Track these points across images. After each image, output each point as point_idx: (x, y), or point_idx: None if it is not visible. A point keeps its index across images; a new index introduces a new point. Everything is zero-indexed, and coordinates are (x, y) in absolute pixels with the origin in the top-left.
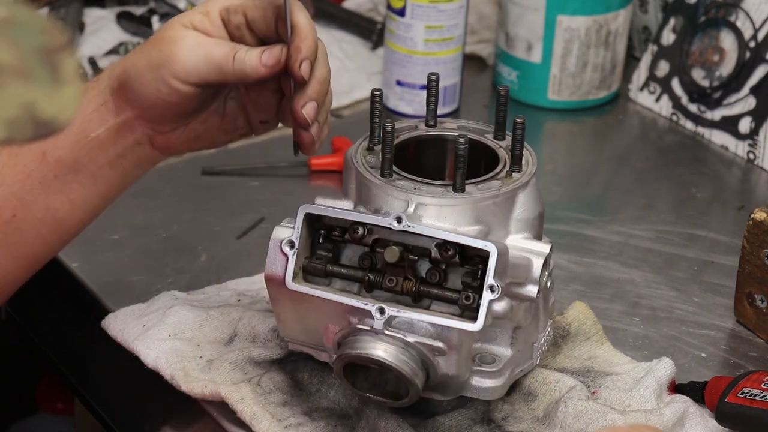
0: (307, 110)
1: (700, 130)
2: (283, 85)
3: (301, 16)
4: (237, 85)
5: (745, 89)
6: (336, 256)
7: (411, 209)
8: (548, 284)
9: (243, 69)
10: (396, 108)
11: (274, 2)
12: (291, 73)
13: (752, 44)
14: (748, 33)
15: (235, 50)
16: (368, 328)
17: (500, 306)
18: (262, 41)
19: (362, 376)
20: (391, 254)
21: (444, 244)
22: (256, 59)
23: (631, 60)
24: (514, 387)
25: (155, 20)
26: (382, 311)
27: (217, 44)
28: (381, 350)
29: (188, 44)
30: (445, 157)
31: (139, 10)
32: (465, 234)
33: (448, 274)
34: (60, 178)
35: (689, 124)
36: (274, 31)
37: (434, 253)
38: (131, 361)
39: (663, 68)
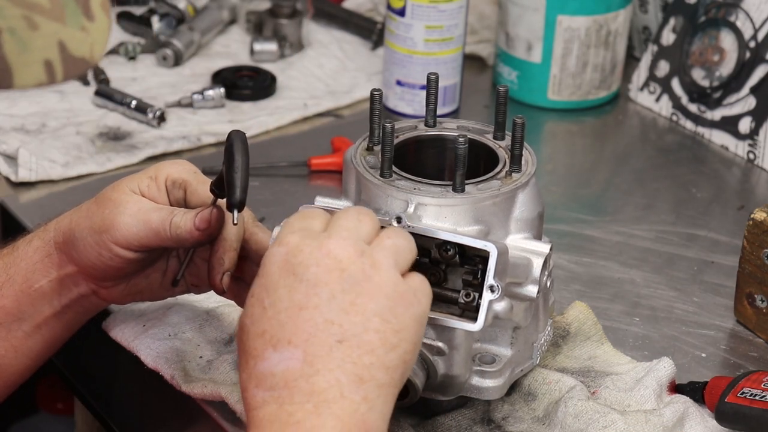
0: (224, 281)
1: (700, 130)
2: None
3: (230, 229)
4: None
5: (745, 89)
6: None
7: (411, 209)
8: (548, 284)
9: (178, 234)
10: (396, 108)
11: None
12: (211, 283)
13: (752, 44)
14: (748, 33)
15: (171, 215)
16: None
17: (500, 306)
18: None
19: None
20: None
21: (444, 244)
22: (190, 223)
23: (631, 60)
24: (514, 387)
25: (155, 20)
26: None
27: (156, 210)
28: None
29: (130, 210)
30: (445, 157)
31: (139, 10)
32: (465, 234)
33: (448, 274)
34: (4, 326)
35: (689, 124)
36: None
37: (434, 253)
38: (131, 361)
39: (663, 68)
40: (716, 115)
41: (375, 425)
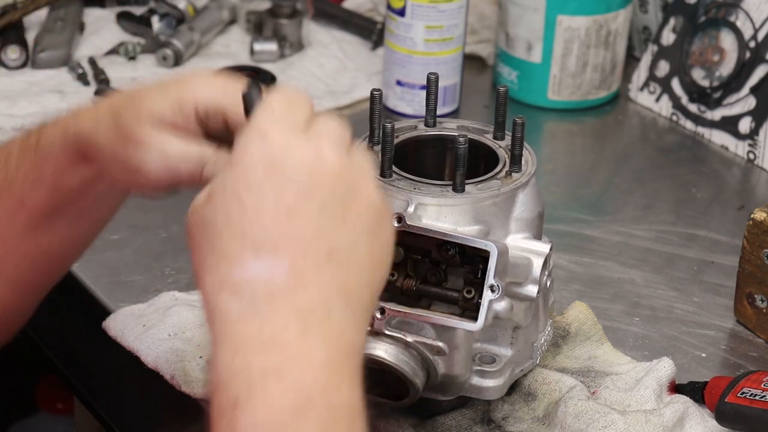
0: None
1: (700, 130)
2: None
3: None
4: None
5: (745, 89)
6: None
7: (411, 209)
8: (548, 284)
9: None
10: (396, 108)
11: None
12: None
13: (752, 44)
14: (748, 33)
15: (201, 165)
16: (368, 328)
17: (500, 306)
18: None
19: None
20: (396, 254)
21: (444, 244)
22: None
23: (631, 60)
24: (514, 387)
25: (155, 20)
26: (382, 311)
27: (183, 158)
28: (381, 350)
29: (153, 155)
30: (445, 157)
31: (139, 10)
32: (465, 234)
33: (448, 274)
34: (44, 221)
35: (689, 124)
36: None
37: (434, 253)
38: (131, 361)
39: (663, 68)
40: (716, 115)
41: (359, 348)
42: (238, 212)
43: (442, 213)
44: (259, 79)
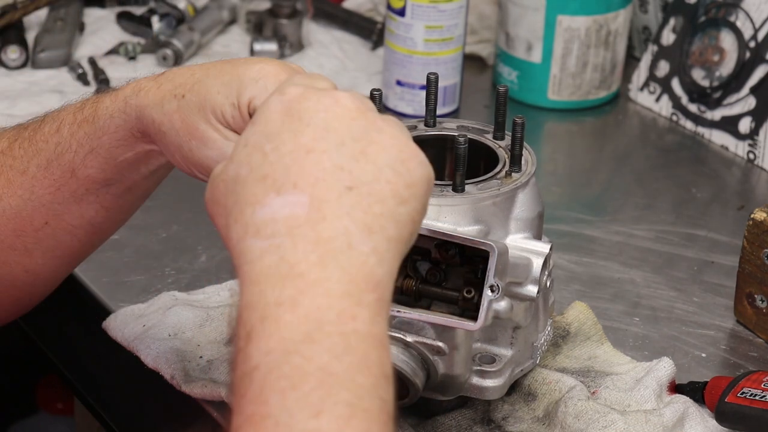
0: None
1: (700, 130)
2: None
3: None
4: None
5: (745, 89)
6: None
7: None
8: (548, 284)
9: None
10: (396, 108)
11: None
12: None
13: (752, 44)
14: (748, 33)
15: None
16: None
17: (500, 306)
18: None
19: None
20: None
21: (444, 244)
22: None
23: (631, 60)
24: (514, 387)
25: (155, 20)
26: None
27: None
28: None
29: (214, 154)
30: (445, 157)
31: (139, 10)
32: (465, 234)
33: (448, 274)
34: (92, 191)
35: (689, 124)
36: None
37: (434, 253)
38: (131, 361)
39: (663, 68)
40: (716, 115)
41: (383, 280)
42: (259, 159)
43: (442, 213)
44: None
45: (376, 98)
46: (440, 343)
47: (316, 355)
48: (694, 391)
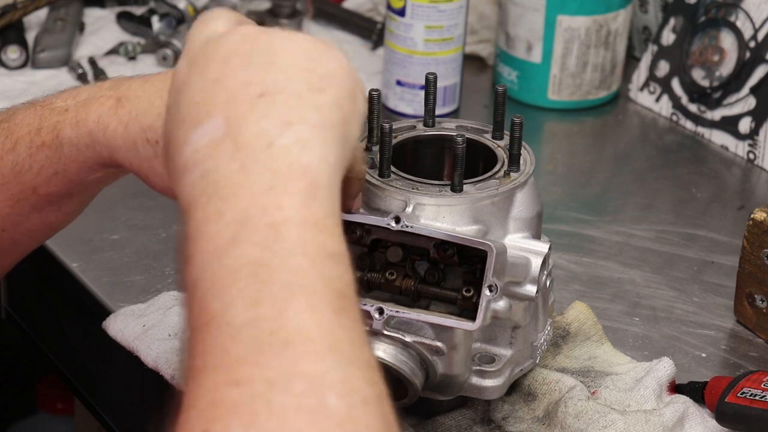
0: (356, 206)
1: (700, 130)
2: None
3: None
4: None
5: (745, 89)
6: None
7: (409, 209)
8: (547, 283)
9: None
10: (396, 108)
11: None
12: (344, 209)
13: (752, 44)
14: (748, 33)
15: None
16: (367, 328)
17: (499, 305)
18: None
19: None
20: (395, 254)
21: (442, 244)
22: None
23: (631, 60)
24: (514, 387)
25: (155, 20)
26: (381, 311)
27: None
28: (380, 350)
29: None
30: (443, 157)
31: (139, 10)
32: (463, 234)
33: (446, 273)
34: (54, 203)
35: (689, 124)
36: None
37: (432, 253)
38: (131, 361)
39: (663, 68)
40: (716, 115)
41: (313, 166)
42: (175, 108)
43: (441, 213)
44: None
45: (375, 98)
46: (439, 343)
47: (245, 251)
48: (694, 391)
